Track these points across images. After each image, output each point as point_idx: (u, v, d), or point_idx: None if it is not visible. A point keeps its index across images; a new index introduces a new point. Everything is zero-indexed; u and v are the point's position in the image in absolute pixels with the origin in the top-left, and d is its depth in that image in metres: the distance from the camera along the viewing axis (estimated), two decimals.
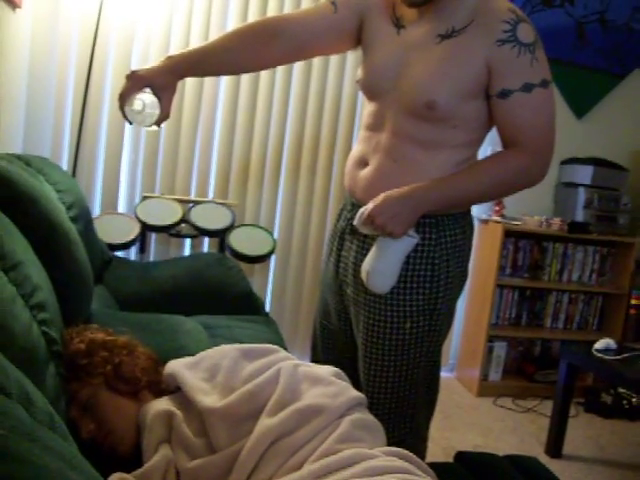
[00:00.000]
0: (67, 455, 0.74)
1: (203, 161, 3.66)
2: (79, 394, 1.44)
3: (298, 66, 3.71)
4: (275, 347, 1.64)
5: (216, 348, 1.63)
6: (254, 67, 1.96)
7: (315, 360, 2.09)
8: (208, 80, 3.58)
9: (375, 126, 1.74)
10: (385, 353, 1.76)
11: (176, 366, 1.55)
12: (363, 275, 1.70)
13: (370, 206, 1.60)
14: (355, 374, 1.84)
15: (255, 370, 1.51)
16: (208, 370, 1.52)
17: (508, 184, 1.66)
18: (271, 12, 3.60)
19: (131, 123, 1.79)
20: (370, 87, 1.76)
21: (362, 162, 1.78)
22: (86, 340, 1.51)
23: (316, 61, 3.73)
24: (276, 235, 3.80)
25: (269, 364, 1.54)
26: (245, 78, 3.63)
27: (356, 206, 1.78)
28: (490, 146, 2.26)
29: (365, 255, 1.72)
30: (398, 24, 1.71)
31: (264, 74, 3.66)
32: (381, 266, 1.65)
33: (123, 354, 1.52)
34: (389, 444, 1.55)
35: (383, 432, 1.49)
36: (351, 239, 1.82)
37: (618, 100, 4.48)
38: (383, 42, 1.72)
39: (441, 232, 1.71)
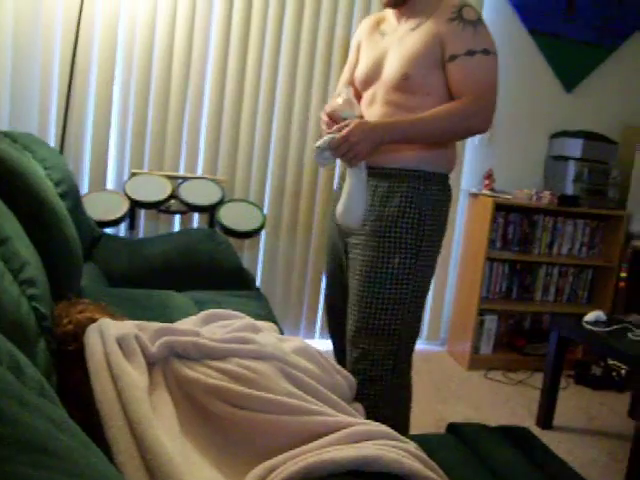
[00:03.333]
0: (57, 419, 0.74)
1: (192, 137, 3.64)
2: (69, 383, 1.41)
3: (286, 42, 3.69)
4: (241, 314, 1.72)
5: (184, 319, 1.68)
6: None
7: (329, 307, 2.47)
8: (196, 53, 3.55)
9: (369, 103, 2.18)
10: (376, 284, 2.09)
11: None
12: (340, 216, 2.10)
13: (345, 131, 1.95)
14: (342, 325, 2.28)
15: (209, 328, 1.59)
16: None
17: (457, 122, 2.03)
18: None
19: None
20: (364, 77, 2.20)
21: None
22: (74, 321, 1.49)
23: (304, 35, 3.70)
24: (266, 210, 3.79)
25: (226, 325, 1.62)
26: (233, 52, 3.61)
27: None
28: None
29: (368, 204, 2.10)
30: (382, 34, 2.22)
31: (251, 50, 3.63)
32: (354, 203, 2.07)
33: None
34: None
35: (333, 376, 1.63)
36: None
37: (607, 73, 4.47)
38: (372, 46, 2.22)
39: (427, 185, 2.10)
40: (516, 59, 4.23)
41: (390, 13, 2.22)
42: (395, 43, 2.12)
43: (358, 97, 2.25)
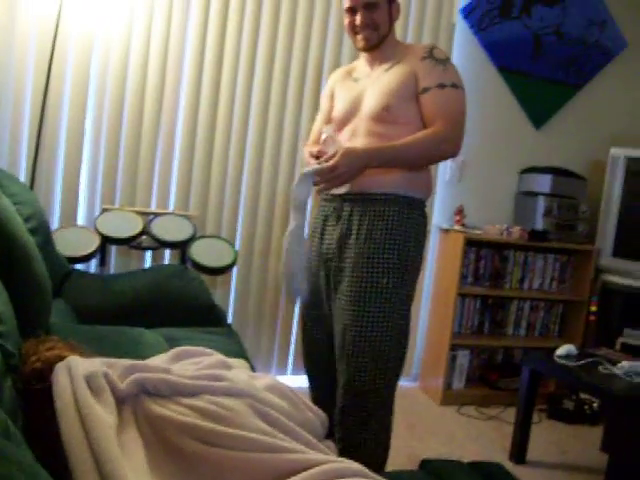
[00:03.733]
0: (22, 462, 0.72)
1: (163, 172, 3.63)
2: (33, 424, 1.38)
3: (258, 79, 3.72)
4: (212, 351, 1.72)
5: (155, 357, 1.66)
6: None
7: (308, 350, 2.54)
8: (168, 89, 3.56)
9: (350, 137, 2.33)
10: (367, 303, 2.22)
11: None
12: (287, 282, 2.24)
13: (332, 161, 2.09)
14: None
15: (180, 366, 1.57)
16: None
17: (432, 147, 2.22)
18: (232, 15, 3.61)
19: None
20: (342, 115, 2.39)
21: None
22: (43, 358, 1.46)
23: (275, 75, 3.74)
24: (237, 246, 3.78)
25: (197, 362, 1.61)
26: (205, 87, 3.62)
27: (340, 196, 2.31)
28: None
29: (349, 232, 2.27)
30: (355, 80, 2.44)
31: (224, 86, 3.65)
32: (296, 266, 2.22)
33: None
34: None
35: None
36: (335, 224, 2.34)
37: (575, 110, 4.55)
38: (347, 90, 2.43)
39: (410, 209, 2.27)
40: (486, 96, 4.29)
41: (361, 62, 2.47)
42: (372, 83, 2.34)
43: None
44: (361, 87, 2.38)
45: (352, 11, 2.32)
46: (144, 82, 3.52)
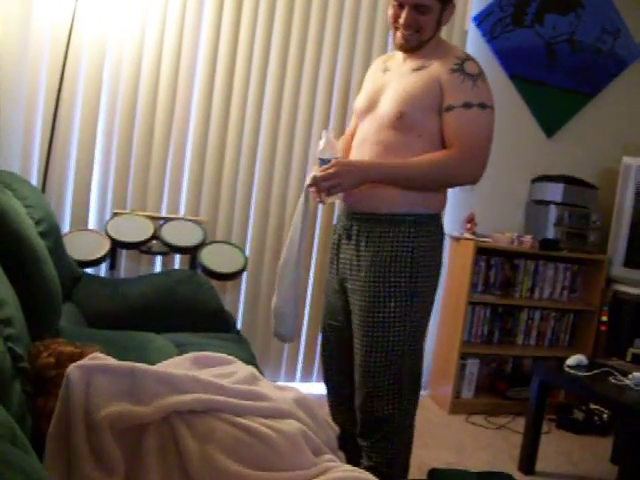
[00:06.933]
0: (27, 469, 0.72)
1: (174, 177, 3.64)
2: (46, 408, 1.40)
3: (270, 82, 3.72)
4: (232, 358, 1.69)
5: (170, 360, 1.64)
6: None
7: (325, 357, 2.47)
8: (180, 94, 3.57)
9: (360, 143, 2.23)
10: (375, 329, 2.14)
11: None
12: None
13: (328, 170, 2.04)
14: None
15: (207, 373, 1.55)
16: None
17: (438, 172, 2.10)
18: (245, 21, 3.63)
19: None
20: (362, 108, 2.27)
21: None
22: (55, 353, 1.48)
23: (288, 81, 3.74)
24: (247, 252, 3.78)
25: (227, 374, 1.59)
26: (217, 92, 3.63)
27: (350, 214, 2.24)
28: None
29: (359, 253, 2.18)
30: (385, 70, 2.28)
31: (235, 91, 3.66)
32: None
33: None
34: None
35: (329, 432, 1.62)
36: (347, 243, 2.25)
37: (587, 119, 4.53)
38: (374, 80, 2.30)
39: (419, 227, 2.13)
40: (497, 104, 4.23)
41: (399, 52, 2.28)
42: (394, 79, 2.20)
43: (350, 137, 2.38)
44: (385, 80, 2.23)
45: (400, 5, 2.12)
46: (156, 88, 3.53)
